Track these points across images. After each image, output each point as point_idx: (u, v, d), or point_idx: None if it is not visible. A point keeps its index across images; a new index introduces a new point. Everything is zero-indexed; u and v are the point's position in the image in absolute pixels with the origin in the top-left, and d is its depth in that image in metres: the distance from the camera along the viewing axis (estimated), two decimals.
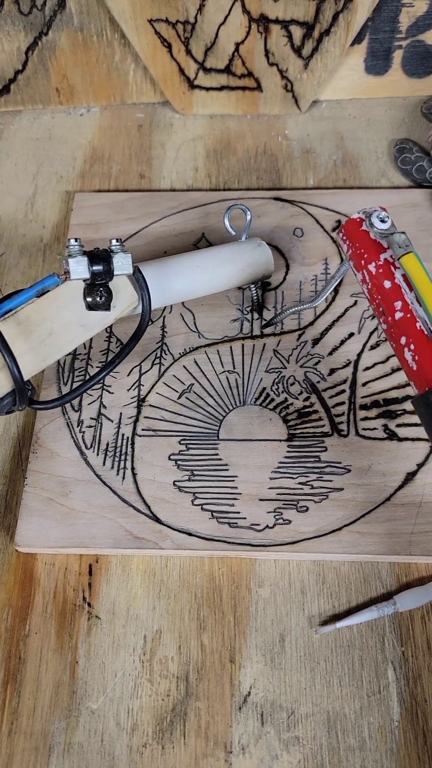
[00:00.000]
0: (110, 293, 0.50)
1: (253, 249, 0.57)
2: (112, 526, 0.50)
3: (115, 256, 0.49)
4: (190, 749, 0.44)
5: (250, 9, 0.65)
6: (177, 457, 0.52)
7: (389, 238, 0.45)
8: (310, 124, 0.73)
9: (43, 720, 0.45)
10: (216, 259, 0.56)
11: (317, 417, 0.54)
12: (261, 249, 0.57)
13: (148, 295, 0.52)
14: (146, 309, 0.52)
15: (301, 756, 0.44)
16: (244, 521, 0.50)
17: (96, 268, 0.48)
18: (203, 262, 0.56)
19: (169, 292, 0.55)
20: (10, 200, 0.69)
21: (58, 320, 0.48)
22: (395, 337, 0.45)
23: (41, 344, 0.48)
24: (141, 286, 0.52)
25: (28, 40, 0.70)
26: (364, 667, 0.46)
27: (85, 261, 0.48)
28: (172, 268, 0.55)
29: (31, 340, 0.48)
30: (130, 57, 0.71)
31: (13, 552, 0.51)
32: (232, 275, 0.56)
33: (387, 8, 0.67)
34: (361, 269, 0.47)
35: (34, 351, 0.48)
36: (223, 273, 0.56)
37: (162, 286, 0.54)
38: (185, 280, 0.55)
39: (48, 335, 0.48)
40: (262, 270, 0.57)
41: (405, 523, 0.49)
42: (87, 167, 0.71)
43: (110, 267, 0.49)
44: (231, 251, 0.57)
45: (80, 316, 0.49)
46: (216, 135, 0.73)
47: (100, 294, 0.49)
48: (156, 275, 0.54)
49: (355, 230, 0.47)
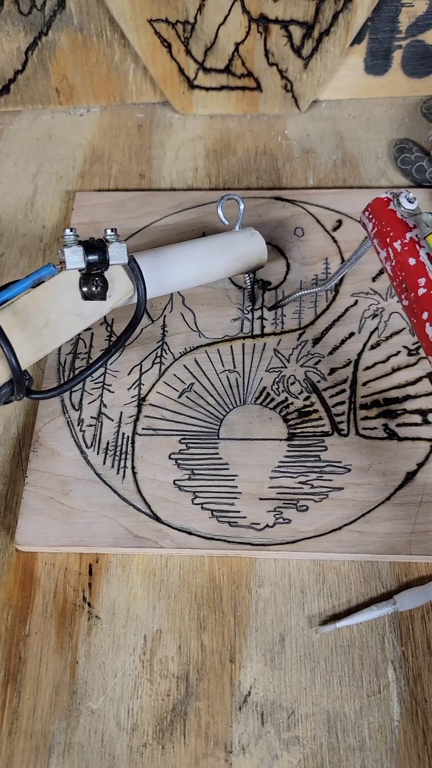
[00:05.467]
0: (106, 283, 0.50)
1: (246, 238, 0.57)
2: (112, 525, 0.50)
3: (110, 246, 0.50)
4: (190, 749, 0.44)
5: (249, 9, 0.65)
6: (177, 456, 0.52)
7: (416, 218, 0.47)
8: (310, 124, 0.73)
9: (43, 720, 0.45)
10: (210, 249, 0.57)
11: (317, 416, 0.54)
12: (254, 238, 0.57)
13: (143, 284, 0.52)
14: (142, 298, 0.53)
15: (301, 756, 0.43)
16: (244, 520, 0.50)
17: (91, 257, 0.49)
18: (197, 252, 0.56)
19: (164, 281, 0.55)
20: (10, 200, 0.69)
21: (55, 310, 0.49)
22: (417, 312, 0.46)
23: (38, 334, 0.48)
24: (136, 276, 0.52)
25: (28, 40, 0.70)
26: (364, 667, 0.46)
27: (80, 251, 0.48)
28: (167, 258, 0.55)
29: (28, 329, 0.48)
30: (130, 57, 0.71)
31: (13, 552, 0.51)
32: (226, 264, 0.57)
33: (387, 8, 0.67)
34: (386, 247, 0.48)
35: (31, 341, 0.48)
36: (217, 262, 0.57)
37: (157, 276, 0.54)
38: (180, 270, 0.55)
39: (45, 325, 0.48)
40: (256, 259, 0.58)
41: (405, 522, 0.49)
42: (87, 167, 0.71)
43: (105, 257, 0.49)
44: (225, 241, 0.57)
45: (76, 305, 0.50)
46: (216, 135, 0.73)
47: (95, 284, 0.49)
48: (151, 265, 0.54)
49: (383, 209, 0.48)
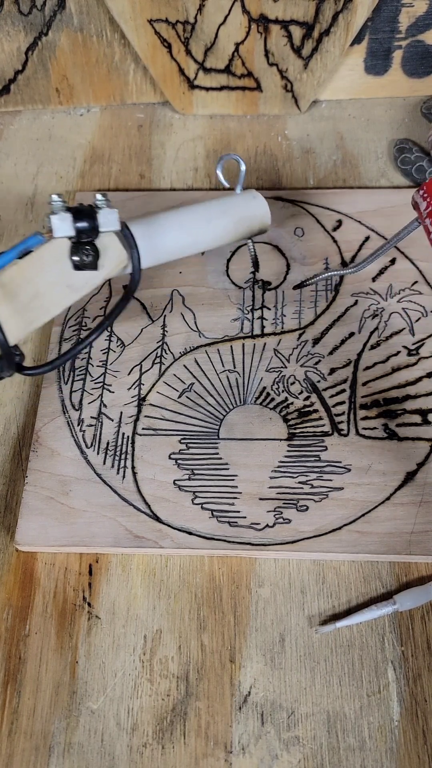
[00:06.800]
0: (97, 252, 0.47)
1: (248, 201, 0.55)
2: (112, 525, 0.50)
3: (100, 212, 0.47)
4: (190, 749, 0.44)
5: (249, 9, 0.65)
6: (177, 456, 0.52)
7: None
8: (310, 124, 0.73)
9: (43, 720, 0.45)
10: (210, 212, 0.53)
11: (317, 416, 0.54)
12: (257, 201, 0.55)
13: (137, 252, 0.49)
14: (136, 267, 0.50)
15: (301, 756, 0.43)
16: (244, 520, 0.50)
17: (80, 224, 0.46)
18: (196, 216, 0.53)
19: (160, 248, 0.52)
20: (10, 200, 0.69)
21: (43, 281, 0.46)
22: None
23: (26, 307, 0.46)
24: (130, 244, 0.49)
25: (28, 40, 0.70)
26: (364, 667, 0.46)
27: (68, 217, 0.46)
28: (163, 224, 0.52)
29: (16, 303, 0.46)
30: (130, 57, 0.71)
31: (13, 552, 0.51)
32: (227, 228, 0.54)
33: (387, 8, 0.67)
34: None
35: (20, 314, 0.46)
36: (217, 226, 0.53)
37: (153, 243, 0.51)
38: (177, 235, 0.52)
39: (33, 297, 0.46)
40: (258, 223, 0.55)
41: (405, 522, 0.49)
42: (87, 167, 0.71)
43: (95, 223, 0.47)
44: (225, 204, 0.54)
45: (67, 276, 0.47)
46: (216, 135, 0.73)
47: (86, 252, 0.47)
48: (146, 232, 0.51)
49: None
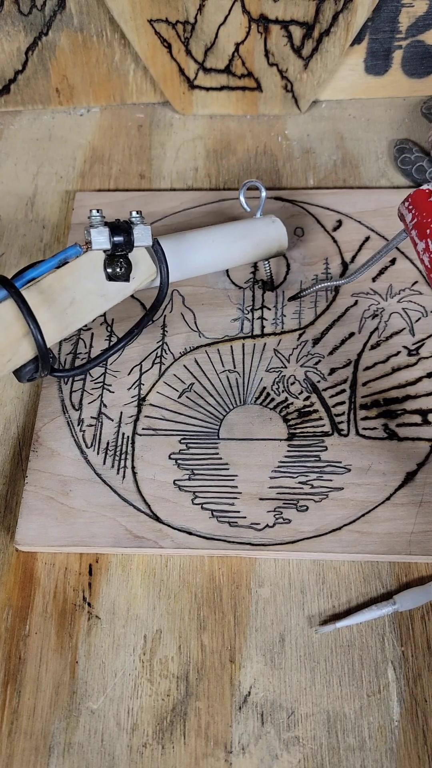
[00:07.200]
0: (130, 264, 0.51)
1: (267, 225, 0.59)
2: (112, 525, 0.50)
3: (135, 228, 0.50)
4: (190, 749, 0.44)
5: (249, 9, 0.65)
6: (177, 456, 0.52)
7: None
8: (310, 124, 0.73)
9: (43, 720, 0.45)
10: (231, 235, 0.58)
11: (317, 416, 0.54)
12: (275, 225, 0.59)
13: (166, 267, 0.53)
14: (164, 281, 0.54)
15: (301, 756, 0.43)
16: (244, 520, 0.50)
17: (117, 239, 0.49)
18: (219, 237, 0.58)
19: (185, 265, 0.57)
20: (10, 200, 0.69)
21: (79, 290, 0.49)
22: None
23: (63, 313, 0.49)
24: (159, 259, 0.53)
25: (28, 41, 0.70)
26: (364, 667, 0.46)
27: (106, 232, 0.49)
28: (189, 242, 0.57)
29: (54, 308, 0.48)
30: (130, 57, 0.71)
31: (13, 552, 0.51)
32: (246, 250, 0.58)
33: (387, 8, 0.67)
34: (425, 238, 0.49)
35: (57, 319, 0.49)
36: (237, 248, 0.58)
37: (179, 259, 0.56)
38: (201, 254, 0.57)
39: (69, 304, 0.49)
40: (276, 246, 0.59)
41: (405, 522, 0.49)
42: (87, 167, 0.71)
43: (131, 238, 0.50)
44: (246, 227, 0.58)
45: (100, 286, 0.50)
46: (216, 135, 0.73)
47: (120, 265, 0.50)
48: (173, 248, 0.56)
49: (424, 200, 0.49)
